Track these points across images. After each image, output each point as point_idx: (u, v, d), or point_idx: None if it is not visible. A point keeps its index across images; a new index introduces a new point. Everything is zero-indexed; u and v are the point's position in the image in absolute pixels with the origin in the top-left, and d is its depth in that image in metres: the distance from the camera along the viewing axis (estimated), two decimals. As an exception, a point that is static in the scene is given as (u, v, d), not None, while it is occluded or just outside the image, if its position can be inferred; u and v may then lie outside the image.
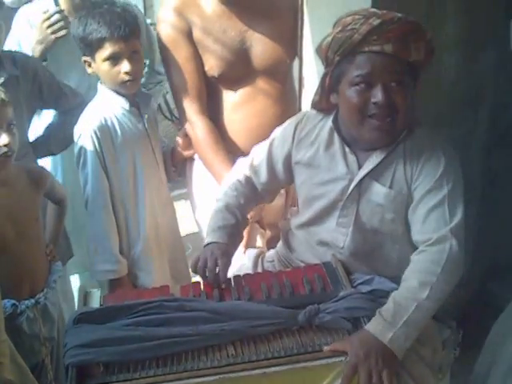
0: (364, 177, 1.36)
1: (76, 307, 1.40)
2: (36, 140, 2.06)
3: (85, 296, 1.39)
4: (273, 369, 1.12)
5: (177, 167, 2.02)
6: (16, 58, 1.91)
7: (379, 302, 1.27)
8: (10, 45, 2.07)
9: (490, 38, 1.87)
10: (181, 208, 2.64)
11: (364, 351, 1.16)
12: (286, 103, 1.93)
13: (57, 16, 2.02)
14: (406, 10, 1.68)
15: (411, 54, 1.26)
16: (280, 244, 1.60)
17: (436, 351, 1.40)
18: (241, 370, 1.11)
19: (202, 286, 1.34)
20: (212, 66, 1.88)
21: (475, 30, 1.83)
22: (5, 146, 1.44)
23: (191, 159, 2.00)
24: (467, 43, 1.85)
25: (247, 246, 1.72)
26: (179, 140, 1.97)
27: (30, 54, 2.04)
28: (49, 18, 2.02)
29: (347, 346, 1.18)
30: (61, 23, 2.00)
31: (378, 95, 1.26)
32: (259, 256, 1.61)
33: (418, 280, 1.26)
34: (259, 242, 1.82)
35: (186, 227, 2.48)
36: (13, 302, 1.61)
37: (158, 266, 1.91)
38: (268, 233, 1.89)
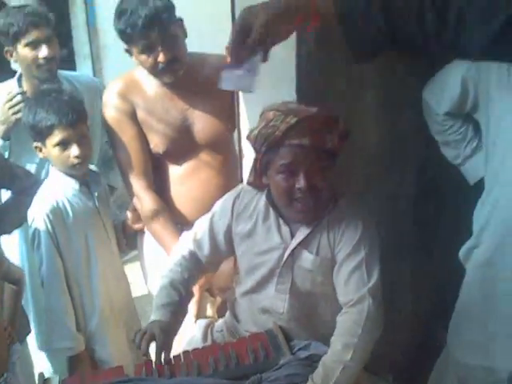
0: (296, 246, 1.49)
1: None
2: None
3: (44, 383, 1.45)
4: None
5: (128, 239, 2.12)
6: None
7: (314, 366, 1.38)
8: None
9: (408, 102, 2.06)
10: (138, 269, 2.72)
11: None
12: (228, 173, 2.07)
13: (19, 97, 2.14)
14: (327, 87, 1.87)
15: (327, 143, 1.42)
16: (227, 314, 1.71)
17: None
18: None
19: (153, 365, 1.43)
20: (157, 144, 2.01)
21: (393, 96, 2.02)
22: None
23: (142, 231, 2.10)
24: (386, 108, 2.03)
25: (198, 316, 1.83)
26: (129, 214, 2.07)
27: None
28: (11, 100, 2.13)
29: None
30: (21, 104, 2.11)
31: (300, 182, 1.41)
32: (209, 326, 1.70)
33: (342, 343, 1.39)
34: (209, 311, 1.92)
35: (143, 289, 2.55)
36: (-29, 390, 1.65)
37: (114, 338, 1.99)
38: (218, 299, 1.99)
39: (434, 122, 1.85)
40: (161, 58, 1.87)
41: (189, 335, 1.68)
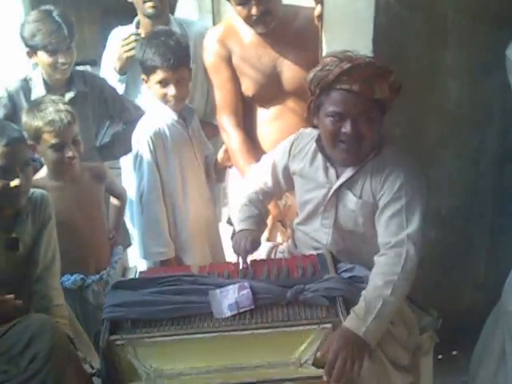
0: (340, 186, 1.65)
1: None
2: (102, 146, 2.53)
3: (124, 271, 1.78)
4: (260, 331, 1.44)
5: (218, 174, 2.39)
6: (86, 77, 2.37)
7: (355, 285, 1.55)
8: (107, 61, 2.58)
9: (495, 64, 2.07)
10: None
11: (344, 341, 1.42)
12: (310, 120, 2.25)
13: (132, 38, 2.48)
14: (406, 41, 1.95)
15: (375, 93, 1.54)
16: (290, 240, 1.93)
17: (412, 334, 1.65)
18: (234, 330, 1.45)
19: (214, 267, 1.70)
20: (248, 87, 2.24)
21: (478, 57, 2.04)
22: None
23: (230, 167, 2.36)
24: (471, 69, 2.06)
25: (269, 241, 2.06)
26: (220, 154, 2.31)
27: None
28: (126, 39, 2.48)
29: (330, 341, 1.44)
30: (133, 44, 2.44)
31: (347, 127, 1.56)
32: (273, 248, 1.94)
33: (383, 279, 1.51)
34: (279, 239, 2.15)
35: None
36: (81, 276, 2.04)
37: (199, 251, 2.28)
38: (289, 231, 2.20)
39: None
40: (254, 10, 2.06)
41: (256, 255, 1.90)
